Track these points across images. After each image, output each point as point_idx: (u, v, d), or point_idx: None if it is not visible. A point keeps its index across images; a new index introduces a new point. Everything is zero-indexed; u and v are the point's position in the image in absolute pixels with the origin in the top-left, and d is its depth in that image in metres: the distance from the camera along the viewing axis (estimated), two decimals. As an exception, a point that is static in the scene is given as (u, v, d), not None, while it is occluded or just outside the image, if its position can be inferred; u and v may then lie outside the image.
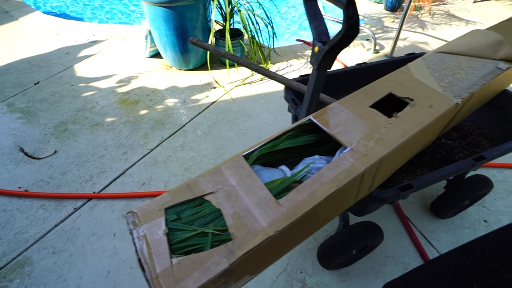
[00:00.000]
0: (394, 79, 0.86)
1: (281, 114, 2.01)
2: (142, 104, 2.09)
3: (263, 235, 0.53)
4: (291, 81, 1.15)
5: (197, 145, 1.78)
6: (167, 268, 0.49)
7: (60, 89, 2.23)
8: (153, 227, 0.55)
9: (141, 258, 0.51)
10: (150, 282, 0.48)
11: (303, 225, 0.59)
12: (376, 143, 0.68)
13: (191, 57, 2.30)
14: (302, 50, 2.72)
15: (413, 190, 0.83)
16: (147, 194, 1.49)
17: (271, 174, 0.66)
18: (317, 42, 0.75)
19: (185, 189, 0.62)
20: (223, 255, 0.51)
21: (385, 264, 1.24)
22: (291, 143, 0.72)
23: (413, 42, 2.79)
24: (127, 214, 0.59)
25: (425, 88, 0.82)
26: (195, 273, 0.48)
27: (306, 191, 0.58)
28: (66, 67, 2.48)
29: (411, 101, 0.78)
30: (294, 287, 1.17)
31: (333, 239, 1.12)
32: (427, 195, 1.50)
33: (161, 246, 0.52)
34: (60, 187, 1.55)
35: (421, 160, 1.09)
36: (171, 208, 0.59)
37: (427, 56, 0.95)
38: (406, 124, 0.72)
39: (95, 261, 1.26)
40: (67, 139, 1.82)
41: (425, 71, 0.87)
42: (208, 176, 0.64)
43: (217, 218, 0.57)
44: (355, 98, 0.80)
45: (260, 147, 0.70)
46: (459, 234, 1.34)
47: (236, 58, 1.14)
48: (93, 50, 2.69)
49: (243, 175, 0.63)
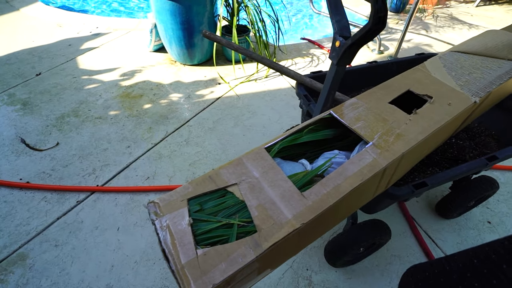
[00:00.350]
0: (412, 77, 0.86)
1: (286, 112, 2.00)
2: (146, 98, 2.07)
3: (289, 227, 0.52)
4: (304, 77, 1.15)
5: (202, 140, 1.76)
6: (192, 259, 0.49)
7: (62, 81, 2.20)
8: (176, 217, 0.54)
9: (165, 248, 0.50)
10: (175, 273, 0.47)
11: (326, 219, 0.58)
12: (397, 139, 0.68)
13: (196, 52, 2.29)
14: (307, 48, 2.72)
15: (428, 188, 0.83)
16: (152, 189, 1.47)
17: (292, 167, 0.66)
18: (338, 36, 0.75)
19: (207, 180, 0.61)
20: (249, 247, 0.50)
21: (391, 263, 1.24)
22: (312, 137, 0.71)
23: (417, 44, 2.81)
24: (148, 204, 0.58)
25: (443, 86, 0.82)
26: (221, 265, 0.48)
27: (331, 184, 0.58)
28: (69, 59, 2.45)
29: (430, 99, 0.78)
30: (300, 284, 1.17)
31: (342, 236, 1.12)
32: (432, 195, 1.51)
33: (185, 237, 0.51)
34: (63, 180, 1.52)
35: (432, 159, 1.09)
36: (193, 199, 0.59)
37: (443, 55, 0.96)
38: (426, 121, 0.72)
39: (98, 255, 1.24)
40: (70, 131, 1.80)
41: (442, 69, 0.88)
42: (230, 167, 0.63)
43: (241, 209, 0.57)
44: (374, 94, 0.80)
45: (282, 140, 0.69)
46: (463, 234, 1.35)
47: (249, 52, 1.13)
48: (96, 43, 2.66)
49: (266, 167, 0.62)
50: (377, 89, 0.82)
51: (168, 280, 1.16)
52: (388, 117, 0.73)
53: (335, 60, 0.78)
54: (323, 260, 1.24)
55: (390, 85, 0.83)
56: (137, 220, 1.35)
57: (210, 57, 2.45)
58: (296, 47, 2.73)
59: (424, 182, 0.83)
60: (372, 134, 0.68)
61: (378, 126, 0.71)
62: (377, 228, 1.08)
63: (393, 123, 0.71)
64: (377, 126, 0.71)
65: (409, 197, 0.85)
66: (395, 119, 0.72)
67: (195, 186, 0.60)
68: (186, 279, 0.47)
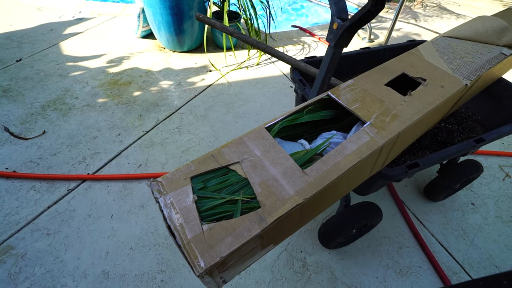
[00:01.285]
0: (406, 60, 0.89)
1: (278, 99, 2.01)
2: (135, 85, 2.03)
3: (292, 203, 0.54)
4: (299, 62, 1.15)
5: (194, 127, 1.75)
6: (198, 234, 0.50)
7: (45, 68, 2.12)
8: (180, 195, 0.55)
9: (170, 225, 0.51)
10: (182, 248, 0.48)
11: (326, 195, 0.60)
12: (393, 119, 0.70)
13: (186, 38, 2.24)
14: (298, 36, 2.71)
15: (420, 168, 0.86)
16: (145, 176, 1.46)
17: (291, 147, 0.67)
18: (336, 18, 0.75)
19: (209, 159, 0.62)
20: (254, 221, 0.52)
21: (381, 244, 1.30)
22: (311, 117, 0.73)
23: (407, 32, 2.85)
24: (151, 182, 0.58)
25: (435, 70, 0.85)
26: (227, 239, 0.49)
27: (331, 162, 0.60)
28: (51, 44, 2.35)
29: (423, 81, 0.80)
30: (295, 266, 1.20)
31: (336, 218, 1.15)
32: (420, 179, 1.56)
33: (190, 213, 0.52)
34: (52, 168, 1.49)
35: (422, 143, 1.13)
36: (196, 177, 0.59)
37: (436, 39, 0.98)
38: (420, 102, 0.75)
39: (92, 242, 1.23)
40: (56, 119, 1.75)
41: (435, 53, 0.90)
42: (232, 146, 0.64)
43: (244, 186, 0.58)
44: (370, 76, 0.82)
45: (282, 120, 0.70)
46: (449, 216, 1.41)
47: (244, 36, 1.12)
48: (80, 28, 2.56)
49: (267, 146, 0.64)
50: (373, 71, 0.84)
51: (164, 265, 1.17)
52: (384, 99, 0.75)
53: (333, 42, 0.79)
54: (316, 242, 1.27)
55: (386, 68, 0.85)
56: (130, 208, 1.34)
57: (201, 44, 2.41)
58: (287, 35, 2.72)
59: (416, 163, 0.87)
60: (369, 115, 0.70)
61: (375, 107, 0.73)
62: (370, 209, 1.11)
63: (389, 104, 0.73)
64: (374, 107, 0.73)
65: (402, 177, 0.88)
66: (391, 100, 0.74)
67: (198, 164, 0.61)
68: (193, 253, 0.48)
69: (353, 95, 0.75)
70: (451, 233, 1.34)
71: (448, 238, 1.32)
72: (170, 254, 1.20)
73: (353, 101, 0.73)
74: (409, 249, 1.27)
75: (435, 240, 1.30)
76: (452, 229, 1.35)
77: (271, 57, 2.44)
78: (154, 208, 1.34)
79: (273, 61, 2.39)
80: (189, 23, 2.15)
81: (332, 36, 0.78)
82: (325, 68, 0.85)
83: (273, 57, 2.46)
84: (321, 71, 0.88)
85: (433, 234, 1.33)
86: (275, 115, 1.89)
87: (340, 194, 0.69)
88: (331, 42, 0.79)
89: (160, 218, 1.30)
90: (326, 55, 0.84)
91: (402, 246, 1.29)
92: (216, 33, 2.39)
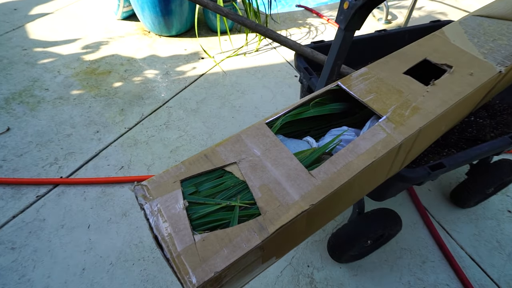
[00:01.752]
0: (429, 44, 0.89)
1: (280, 90, 2.01)
2: (116, 75, 2.03)
3: (297, 209, 0.54)
4: (304, 48, 1.16)
5: (185, 123, 1.76)
6: (189, 246, 0.50)
7: (9, 54, 2.12)
8: (168, 200, 0.55)
9: (158, 235, 0.51)
10: (170, 261, 0.48)
11: (336, 201, 0.61)
12: (413, 113, 0.70)
13: (174, 20, 2.25)
14: (303, 17, 2.72)
15: (445, 169, 0.87)
16: (127, 180, 1.46)
17: (296, 145, 0.67)
18: (347, -5, 0.76)
19: (202, 159, 0.62)
20: (253, 230, 0.52)
21: (401, 257, 1.30)
22: (318, 111, 0.73)
23: (430, 11, 2.85)
24: (134, 187, 0.58)
25: (463, 55, 0.85)
26: (223, 251, 0.49)
27: (341, 162, 0.60)
28: (15, 26, 2.35)
29: (449, 68, 0.81)
30: (300, 283, 1.21)
31: (348, 227, 1.16)
32: (446, 182, 1.57)
33: (180, 222, 0.52)
34: (18, 171, 1.49)
35: (448, 140, 1.13)
36: (187, 180, 0.60)
37: (464, 19, 0.99)
38: (445, 93, 0.75)
39: (66, 257, 1.24)
40: (23, 114, 1.75)
41: (463, 36, 0.91)
42: (227, 145, 0.64)
43: (242, 190, 0.58)
44: (387, 63, 0.82)
45: (285, 114, 0.71)
46: (481, 225, 1.41)
47: (241, 18, 1.13)
48: (49, 7, 2.57)
49: (268, 144, 0.64)
50: (390, 58, 0.85)
51: (150, 283, 1.17)
52: (403, 89, 0.75)
53: (343, 24, 0.79)
54: (326, 255, 1.28)
55: (404, 54, 0.85)
56: (111, 216, 1.35)
57: (191, 27, 2.41)
58: (290, 16, 2.72)
59: (441, 163, 0.87)
60: (386, 108, 0.71)
61: (392, 98, 0.73)
62: (387, 217, 1.12)
63: (408, 95, 0.74)
64: (391, 98, 0.73)
65: (424, 180, 0.88)
66: (411, 91, 0.75)
67: (189, 165, 0.61)
68: (183, 268, 0.48)
69: (366, 85, 0.75)
70: (483, 245, 1.34)
71: (480, 251, 1.32)
72: (157, 270, 1.20)
73: (366, 92, 0.73)
74: (433, 263, 1.28)
75: (464, 254, 1.31)
76: (485, 241, 1.35)
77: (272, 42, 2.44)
78: (139, 216, 1.35)
79: (274, 47, 2.39)
80: (177, 3, 2.16)
81: (343, 17, 0.78)
82: (335, 54, 0.85)
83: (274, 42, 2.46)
84: (329, 58, 0.88)
85: (462, 246, 1.33)
86: (277, 109, 1.89)
87: (353, 199, 0.70)
88: (341, 24, 0.79)
89: (146, 227, 1.31)
90: (335, 40, 0.84)
91: (426, 260, 1.29)
92: (209, 14, 2.39)
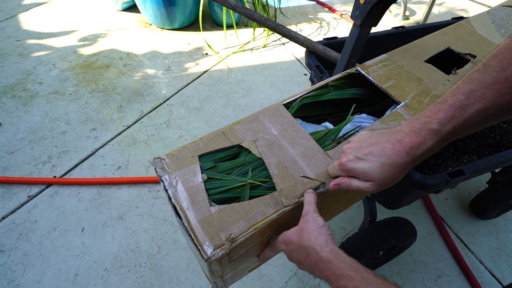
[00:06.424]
0: (453, 33, 0.93)
1: (289, 89, 2.03)
2: (114, 69, 2.06)
3: (311, 186, 0.58)
4: (316, 45, 1.17)
5: (186, 122, 1.77)
6: (207, 217, 0.54)
7: (1, 45, 2.16)
8: (187, 174, 0.60)
9: (176, 205, 0.56)
10: (188, 230, 0.53)
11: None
12: (432, 100, 0.73)
13: (177, 12, 2.27)
14: (315, 12, 2.73)
15: (465, 177, 0.87)
16: (125, 181, 1.48)
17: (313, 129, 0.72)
18: (364, -10, 0.77)
19: (220, 136, 0.67)
20: (269, 204, 0.56)
21: (414, 271, 1.30)
22: (338, 95, 0.78)
23: (451, 8, 2.86)
24: (154, 159, 0.63)
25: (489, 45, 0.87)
26: (239, 222, 0.54)
27: None
28: (9, 16, 2.39)
29: (473, 58, 0.83)
30: (307, 296, 1.21)
31: (358, 236, 1.16)
32: (465, 191, 1.57)
33: (198, 194, 0.57)
34: (8, 170, 1.52)
35: (468, 146, 1.13)
36: (205, 155, 0.65)
37: (492, 10, 1.00)
38: (467, 82, 0.77)
39: (58, 261, 1.25)
40: (15, 109, 1.78)
41: (490, 26, 0.93)
42: (245, 123, 0.69)
43: (258, 167, 0.63)
44: (408, 51, 0.86)
45: (303, 96, 0.75)
46: (502, 238, 1.41)
47: (249, 11, 1.14)
48: (46, -3, 2.61)
49: (285, 124, 0.69)
50: (411, 46, 0.88)
51: (146, 291, 1.18)
52: (423, 77, 0.79)
53: (359, 20, 0.81)
54: (335, 267, 1.28)
55: (426, 43, 0.89)
56: (106, 219, 1.36)
57: (195, 20, 2.43)
58: (301, 10, 2.74)
59: (461, 170, 0.87)
60: (405, 95, 0.74)
61: (412, 86, 0.76)
62: (401, 226, 1.12)
63: (429, 83, 0.77)
64: (411, 85, 0.76)
65: (442, 188, 0.89)
66: (432, 79, 0.78)
67: (207, 142, 0.66)
68: (201, 236, 0.52)
69: (386, 71, 0.79)
70: (505, 260, 1.34)
71: (501, 266, 1.32)
72: (154, 277, 1.21)
73: (386, 79, 0.77)
74: (450, 278, 1.28)
75: (484, 269, 1.31)
76: (507, 256, 1.35)
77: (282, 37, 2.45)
78: (136, 220, 1.36)
79: (283, 43, 2.40)
80: (181, -6, 2.18)
81: (359, 13, 0.79)
82: (349, 52, 0.87)
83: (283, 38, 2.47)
84: (343, 55, 0.89)
85: (481, 260, 1.33)
86: (285, 109, 1.90)
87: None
88: (356, 20, 0.80)
89: (143, 232, 1.32)
90: (350, 36, 0.85)
91: (442, 274, 1.29)
92: (214, 7, 2.41)
